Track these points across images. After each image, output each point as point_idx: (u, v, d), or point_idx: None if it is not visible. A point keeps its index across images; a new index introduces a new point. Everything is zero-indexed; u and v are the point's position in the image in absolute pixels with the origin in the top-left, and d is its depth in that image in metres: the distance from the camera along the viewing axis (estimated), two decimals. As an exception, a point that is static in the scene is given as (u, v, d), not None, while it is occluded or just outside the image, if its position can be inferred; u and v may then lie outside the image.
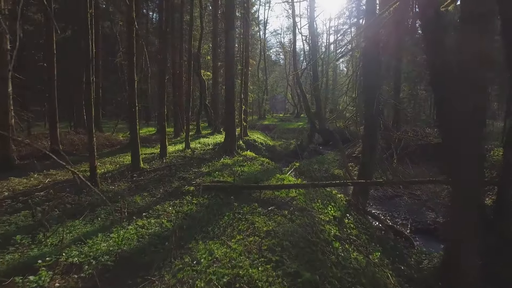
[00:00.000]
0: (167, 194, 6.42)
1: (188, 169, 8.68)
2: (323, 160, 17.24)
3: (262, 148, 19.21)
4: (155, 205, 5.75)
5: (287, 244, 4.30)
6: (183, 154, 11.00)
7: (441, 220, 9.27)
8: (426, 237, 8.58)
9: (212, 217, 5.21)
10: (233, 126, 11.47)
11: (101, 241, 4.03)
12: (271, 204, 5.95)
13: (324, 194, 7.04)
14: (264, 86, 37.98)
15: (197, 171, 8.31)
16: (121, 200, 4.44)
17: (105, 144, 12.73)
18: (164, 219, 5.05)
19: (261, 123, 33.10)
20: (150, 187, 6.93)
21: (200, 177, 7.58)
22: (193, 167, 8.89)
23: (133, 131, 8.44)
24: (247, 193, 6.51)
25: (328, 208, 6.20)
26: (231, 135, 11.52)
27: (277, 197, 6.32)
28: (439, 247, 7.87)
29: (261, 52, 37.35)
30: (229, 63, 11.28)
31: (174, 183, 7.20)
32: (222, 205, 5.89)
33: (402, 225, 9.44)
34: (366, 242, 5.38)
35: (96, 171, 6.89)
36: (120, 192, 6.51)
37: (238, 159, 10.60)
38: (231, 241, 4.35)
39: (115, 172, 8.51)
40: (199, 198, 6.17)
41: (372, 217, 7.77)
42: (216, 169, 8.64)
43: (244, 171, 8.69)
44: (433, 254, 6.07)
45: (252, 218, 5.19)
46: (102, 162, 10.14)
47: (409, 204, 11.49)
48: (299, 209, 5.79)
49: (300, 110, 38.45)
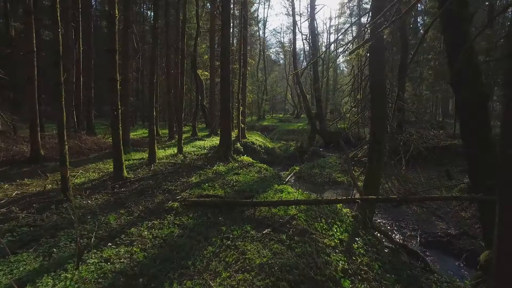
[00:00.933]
0: (147, 212, 5.49)
1: (177, 178, 7.75)
2: (324, 164, 16.32)
3: (260, 151, 18.29)
4: (131, 227, 4.83)
5: (285, 285, 3.39)
6: (174, 160, 10.08)
7: (453, 232, 8.38)
8: (438, 252, 7.68)
9: (196, 245, 4.29)
10: (228, 129, 10.56)
11: (46, 286, 3.11)
12: (266, 225, 5.03)
13: (328, 210, 6.11)
14: (264, 86, 37.05)
15: (185, 182, 7.39)
16: (77, 229, 3.52)
17: (93, 149, 11.82)
18: (137, 248, 4.13)
19: (261, 124, 32.18)
20: (129, 202, 6.01)
21: (188, 190, 6.66)
22: (182, 176, 7.97)
23: (115, 137, 7.51)
24: (239, 211, 5.59)
25: (333, 229, 5.28)
26: (226, 139, 10.60)
27: (274, 215, 5.40)
28: (456, 266, 6.96)
29: (261, 51, 36.39)
30: (224, 60, 10.35)
31: (158, 197, 6.27)
32: (210, 226, 4.97)
33: (411, 237, 8.53)
34: (380, 273, 4.47)
35: (68, 183, 5.97)
36: (94, 209, 5.59)
37: (233, 165, 9.68)
38: (215, 281, 3.43)
39: (95, 182, 7.59)
40: (183, 217, 5.25)
41: (381, 233, 6.84)
42: (207, 179, 7.72)
43: (238, 180, 7.77)
44: (456, 283, 5.14)
45: (243, 245, 4.27)
46: (86, 169, 9.23)
47: (417, 213, 10.64)
48: (300, 231, 4.87)
49: (300, 111, 37.52)
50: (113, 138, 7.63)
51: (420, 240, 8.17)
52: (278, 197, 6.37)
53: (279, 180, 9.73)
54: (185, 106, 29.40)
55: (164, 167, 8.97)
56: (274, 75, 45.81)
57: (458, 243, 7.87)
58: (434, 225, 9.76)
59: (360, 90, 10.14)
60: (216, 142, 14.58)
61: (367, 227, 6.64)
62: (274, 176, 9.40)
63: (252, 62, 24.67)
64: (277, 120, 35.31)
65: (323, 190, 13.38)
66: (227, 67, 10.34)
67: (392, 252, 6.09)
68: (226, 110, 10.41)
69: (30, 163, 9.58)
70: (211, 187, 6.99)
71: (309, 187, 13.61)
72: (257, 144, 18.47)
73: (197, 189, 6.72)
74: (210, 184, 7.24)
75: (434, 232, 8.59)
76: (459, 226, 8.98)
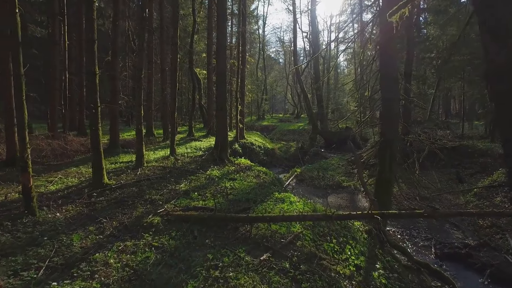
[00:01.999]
0: (122, 229, 4.50)
1: (164, 185, 6.75)
2: (327, 166, 15.33)
3: (260, 152, 17.29)
4: (97, 250, 3.84)
5: None
6: (164, 163, 9.10)
7: (471, 242, 7.40)
8: (457, 265, 6.70)
9: (174, 277, 3.30)
10: (224, 129, 9.57)
11: None
12: (265, 248, 4.04)
13: (338, 224, 5.12)
14: (263, 86, 36.05)
15: (173, 189, 6.39)
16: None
17: (79, 150, 10.83)
18: (98, 283, 3.14)
19: (260, 124, 31.20)
20: (103, 216, 5.02)
21: (174, 200, 5.66)
22: (170, 182, 6.97)
23: (94, 138, 6.52)
24: (232, 227, 4.60)
25: (346, 251, 4.29)
26: (222, 139, 9.61)
27: (274, 234, 4.41)
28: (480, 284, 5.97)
29: (260, 50, 35.39)
30: (220, 55, 9.37)
31: (138, 209, 5.28)
32: (195, 249, 3.98)
33: (424, 248, 7.56)
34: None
35: (31, 194, 4.98)
36: (58, 225, 4.60)
37: (229, 169, 8.70)
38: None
39: (72, 190, 6.60)
40: (163, 236, 4.25)
41: (399, 250, 5.85)
42: (198, 186, 6.73)
43: (233, 187, 6.77)
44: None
45: (235, 277, 3.29)
46: (66, 173, 8.23)
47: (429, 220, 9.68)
48: (306, 256, 3.89)
49: (300, 111, 36.52)
50: (91, 140, 6.63)
51: (435, 251, 7.20)
52: (278, 209, 5.38)
53: (280, 186, 8.75)
54: (183, 106, 28.42)
55: (152, 171, 7.98)
56: (274, 74, 44.78)
57: (479, 255, 6.88)
58: (449, 234, 8.80)
59: (368, 87, 9.17)
60: (213, 142, 13.55)
61: (383, 244, 5.66)
62: (274, 181, 8.41)
63: (252, 60, 23.68)
64: (277, 120, 34.31)
65: (327, 194, 12.41)
66: (222, 63, 9.35)
67: (413, 274, 5.11)
68: (222, 109, 9.42)
69: (5, 167, 8.61)
70: (202, 196, 5.99)
71: (312, 191, 12.63)
72: (256, 145, 17.47)
73: (185, 199, 5.72)
74: (201, 192, 6.24)
75: (450, 242, 7.61)
76: (478, 236, 8.00)
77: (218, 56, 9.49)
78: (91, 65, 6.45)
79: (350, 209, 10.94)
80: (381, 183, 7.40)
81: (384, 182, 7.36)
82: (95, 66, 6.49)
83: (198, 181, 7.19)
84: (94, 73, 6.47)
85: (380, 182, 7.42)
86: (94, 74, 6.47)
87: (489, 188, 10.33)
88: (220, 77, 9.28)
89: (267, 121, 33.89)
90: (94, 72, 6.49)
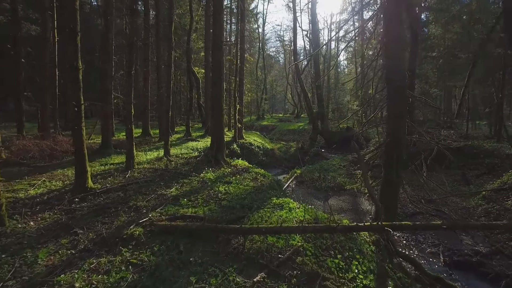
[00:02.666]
0: (99, 242, 3.93)
1: (153, 189, 6.19)
2: (328, 167, 14.76)
3: (259, 152, 16.71)
4: (64, 269, 3.28)
5: None
6: (157, 164, 8.53)
7: (482, 249, 6.84)
8: (468, 275, 6.11)
9: (150, 305, 2.74)
10: (220, 129, 9.00)
11: None
12: (260, 265, 3.47)
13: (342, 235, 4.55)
14: (263, 85, 35.46)
15: (161, 194, 5.82)
16: None
17: (69, 151, 10.26)
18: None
19: (260, 124, 30.63)
20: (81, 225, 4.45)
21: (160, 207, 5.09)
22: (159, 186, 6.40)
23: (77, 139, 5.96)
24: (224, 239, 4.03)
25: (353, 268, 3.72)
26: (218, 140, 9.04)
27: (270, 248, 3.84)
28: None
29: (260, 49, 34.78)
30: (216, 51, 8.79)
31: (120, 217, 4.71)
32: (179, 267, 3.41)
33: (432, 255, 6.98)
34: None
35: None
36: (28, 237, 4.04)
37: (225, 171, 8.12)
38: None
39: (53, 194, 6.04)
40: (144, 251, 3.69)
41: (409, 262, 5.28)
42: (190, 191, 6.15)
43: (228, 192, 6.20)
44: None
45: (223, 305, 2.73)
46: (51, 176, 7.67)
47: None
48: (308, 276, 3.32)
49: (300, 110, 35.93)
50: (74, 140, 6.07)
51: (444, 259, 6.62)
52: (276, 218, 4.80)
53: (279, 189, 8.17)
54: (181, 105, 27.82)
55: (142, 174, 7.41)
56: (274, 73, 44.18)
57: (492, 264, 6.30)
58: (457, 239, 8.26)
59: (373, 84, 8.59)
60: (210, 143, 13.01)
61: (392, 255, 5.09)
62: (272, 184, 7.83)
63: (251, 59, 23.09)
64: (277, 120, 33.73)
65: (328, 197, 11.88)
66: (219, 59, 8.77)
67: None
68: (218, 108, 8.85)
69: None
70: (192, 202, 5.42)
71: (312, 193, 12.09)
72: (255, 145, 16.89)
73: (173, 206, 5.15)
74: (192, 197, 5.67)
75: (459, 249, 7.02)
76: (489, 243, 7.41)
77: (213, 51, 8.90)
78: (74, 59, 5.88)
79: (353, 212, 10.38)
80: (386, 186, 6.83)
81: (390, 185, 6.79)
82: (78, 60, 5.92)
83: (190, 185, 6.62)
84: (76, 68, 5.91)
85: (386, 185, 6.85)
86: (76, 69, 5.91)
87: (499, 191, 9.75)
88: (215, 74, 8.70)
89: (267, 120, 33.30)
90: (77, 67, 5.93)
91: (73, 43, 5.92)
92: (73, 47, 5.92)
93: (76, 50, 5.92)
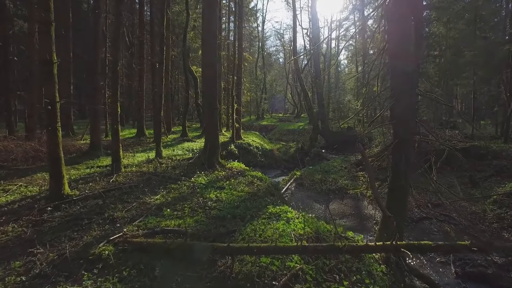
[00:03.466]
0: (58, 265, 3.26)
1: (136, 197, 5.52)
2: (329, 168, 14.08)
3: (257, 153, 16.04)
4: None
5: None
6: (146, 167, 7.87)
7: (498, 260, 6.17)
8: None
9: None
10: (214, 130, 8.32)
11: None
12: (249, 297, 2.82)
13: (348, 252, 3.87)
14: (263, 84, 34.77)
15: (144, 203, 5.15)
16: None
17: (56, 152, 9.59)
18: None
19: (259, 124, 29.96)
20: (45, 241, 3.80)
21: (140, 218, 4.42)
22: (144, 192, 5.74)
23: (51, 140, 5.30)
24: (209, 260, 3.37)
25: (362, 297, 3.06)
26: (212, 141, 8.36)
27: (263, 271, 3.17)
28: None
29: (260, 48, 34.09)
30: (208, 41, 8.09)
31: (92, 231, 4.04)
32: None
33: (442, 265, 6.33)
34: None
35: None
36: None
37: (219, 175, 7.45)
38: None
39: (25, 202, 5.39)
40: (111, 278, 3.02)
41: (423, 281, 4.61)
42: (177, 198, 5.48)
43: (219, 199, 5.52)
44: None
45: None
46: (30, 180, 7.01)
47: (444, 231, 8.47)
48: (307, 311, 2.66)
49: (300, 110, 35.24)
50: (48, 142, 5.40)
51: (455, 270, 5.97)
52: (272, 231, 4.13)
53: (277, 193, 7.49)
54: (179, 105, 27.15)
55: (128, 178, 6.74)
56: (274, 73, 43.47)
57: (509, 277, 5.66)
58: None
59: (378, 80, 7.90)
60: None
61: (403, 272, 4.43)
62: (269, 188, 7.15)
63: (250, 57, 22.39)
64: (277, 120, 33.05)
65: (329, 200, 11.22)
66: (211, 53, 8.04)
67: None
68: (211, 107, 8.16)
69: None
70: (178, 212, 4.74)
71: (312, 196, 11.44)
72: (253, 146, 16.22)
73: (155, 217, 4.47)
74: (179, 206, 5.00)
75: (471, 258, 6.34)
76: (505, 252, 6.74)
77: (204, 44, 8.21)
78: (47, 52, 5.21)
79: (356, 217, 9.70)
80: (395, 193, 6.13)
81: (399, 192, 6.11)
82: (52, 53, 5.25)
83: (178, 190, 5.95)
84: (50, 61, 5.24)
85: (394, 192, 6.15)
86: (50, 63, 5.24)
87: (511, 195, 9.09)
88: (208, 69, 8.00)
89: (267, 120, 32.61)
90: (51, 60, 5.26)
91: (45, 34, 5.25)
92: (45, 39, 5.25)
93: (49, 41, 5.26)
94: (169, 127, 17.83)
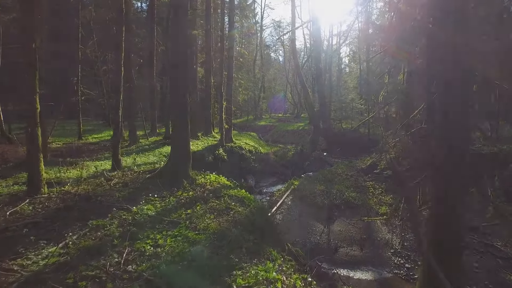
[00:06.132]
0: None
1: (19, 248, 3.20)
2: (332, 176, 11.71)
3: (250, 158, 13.70)
4: None
5: None
6: (85, 185, 5.54)
7: None
8: None
9: None
10: (184, 136, 5.98)
11: None
12: None
13: None
14: (261, 83, 32.40)
15: (9, 270, 2.83)
16: None
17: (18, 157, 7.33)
18: None
19: (257, 124, 27.61)
20: None
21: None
22: (30, 243, 3.38)
23: None
24: None
25: None
26: (180, 148, 6.01)
27: None
28: None
29: (258, 46, 31.72)
30: (176, 21, 5.75)
31: None
32: None
33: None
34: None
35: None
36: None
37: (182, 197, 5.11)
38: None
39: None
40: None
41: None
42: (85, 251, 3.15)
43: (158, 253, 3.18)
44: None
45: None
46: None
47: (489, 267, 6.25)
48: None
49: (300, 110, 32.83)
50: None
51: None
52: None
53: (265, 222, 5.13)
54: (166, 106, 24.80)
55: (36, 207, 4.40)
56: (273, 72, 41.03)
57: None
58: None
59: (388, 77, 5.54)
60: (193, 147, 9.89)
61: None
62: (254, 218, 4.78)
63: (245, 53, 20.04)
64: (276, 120, 30.66)
65: (333, 218, 8.92)
66: (181, 27, 5.69)
67: None
68: (180, 105, 5.81)
69: None
70: None
71: (312, 213, 9.13)
72: (246, 149, 13.88)
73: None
74: (69, 278, 2.67)
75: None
76: None
77: (172, 20, 5.86)
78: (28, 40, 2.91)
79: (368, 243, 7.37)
80: (443, 245, 3.76)
81: (451, 243, 3.73)
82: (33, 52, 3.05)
83: (102, 232, 3.60)
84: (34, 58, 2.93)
85: (442, 244, 3.77)
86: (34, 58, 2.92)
87: None
88: (176, 54, 5.64)
89: (265, 121, 30.24)
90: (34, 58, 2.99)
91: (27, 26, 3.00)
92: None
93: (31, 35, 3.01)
94: (154, 127, 15.54)
